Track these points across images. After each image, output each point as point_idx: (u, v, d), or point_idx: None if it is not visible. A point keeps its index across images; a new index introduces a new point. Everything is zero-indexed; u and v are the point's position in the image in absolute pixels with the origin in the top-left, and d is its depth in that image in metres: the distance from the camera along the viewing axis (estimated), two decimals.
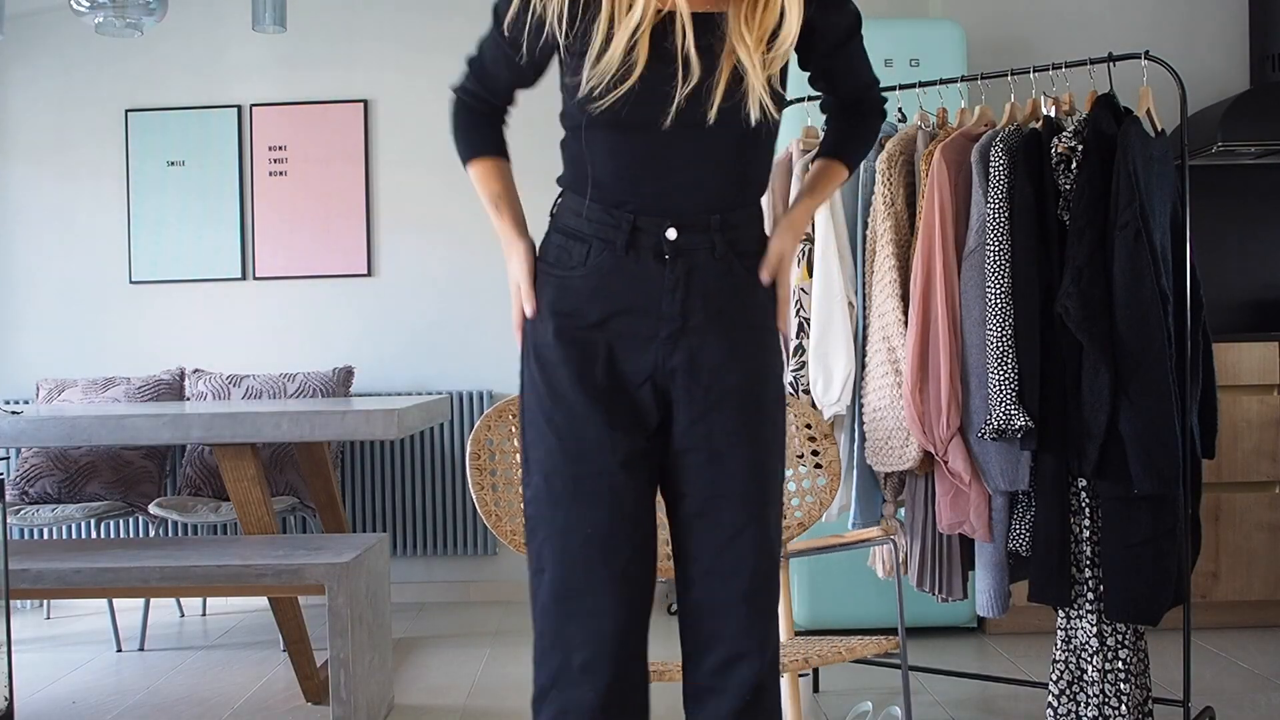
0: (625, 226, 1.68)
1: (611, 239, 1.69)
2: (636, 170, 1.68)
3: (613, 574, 1.68)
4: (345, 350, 4.87)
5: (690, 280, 1.68)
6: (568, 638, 1.69)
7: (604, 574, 1.68)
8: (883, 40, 4.02)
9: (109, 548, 3.25)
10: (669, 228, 1.67)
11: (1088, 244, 2.62)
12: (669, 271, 1.68)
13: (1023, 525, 2.79)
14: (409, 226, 4.92)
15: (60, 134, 4.97)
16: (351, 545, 3.15)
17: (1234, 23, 4.56)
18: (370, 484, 4.82)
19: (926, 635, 4.00)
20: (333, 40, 4.93)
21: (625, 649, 1.69)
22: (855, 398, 3.02)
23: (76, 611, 4.75)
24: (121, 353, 4.92)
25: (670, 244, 1.67)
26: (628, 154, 1.68)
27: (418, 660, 3.96)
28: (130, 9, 3.46)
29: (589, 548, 1.68)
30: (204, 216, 4.92)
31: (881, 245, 2.92)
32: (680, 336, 1.69)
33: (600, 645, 1.68)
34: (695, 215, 1.68)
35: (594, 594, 1.68)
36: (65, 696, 3.56)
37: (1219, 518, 3.95)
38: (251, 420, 3.29)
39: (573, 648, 1.68)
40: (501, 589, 4.87)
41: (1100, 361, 2.59)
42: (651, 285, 1.68)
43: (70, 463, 4.42)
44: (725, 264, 1.70)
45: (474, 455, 2.26)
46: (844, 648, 2.28)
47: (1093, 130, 2.67)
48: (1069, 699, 2.74)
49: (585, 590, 1.68)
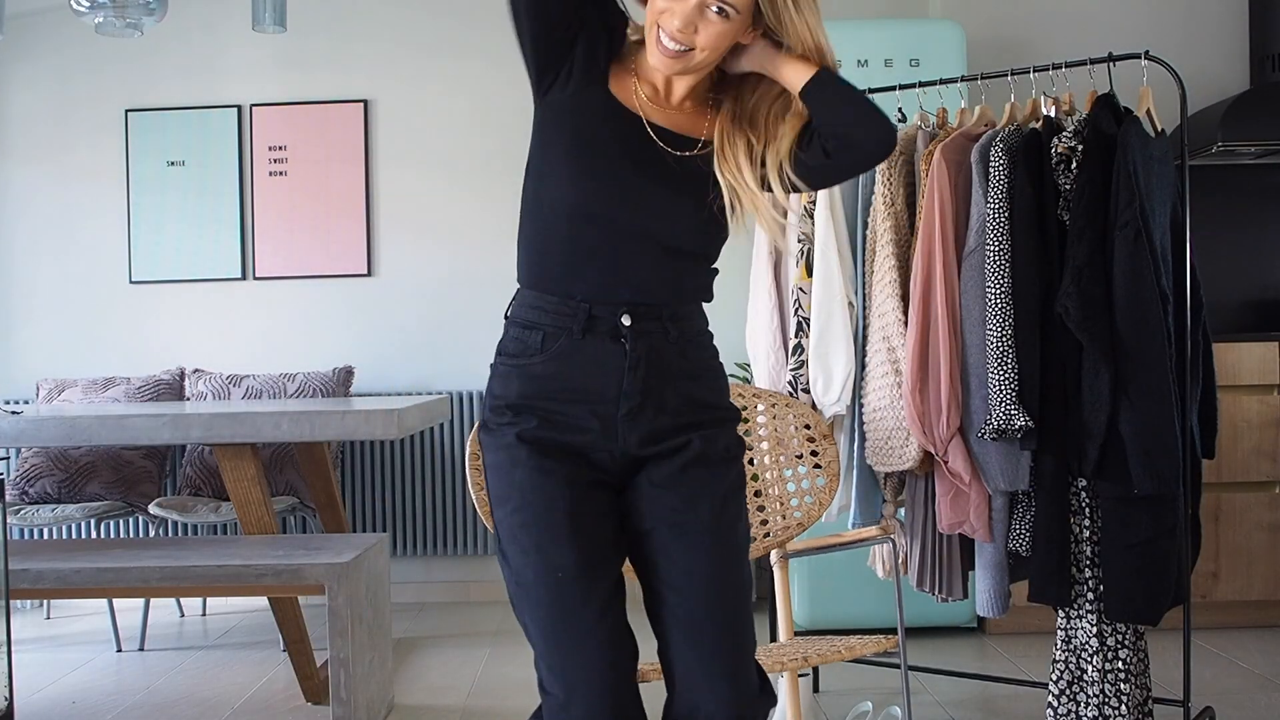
0: (581, 314, 1.73)
1: (568, 325, 1.73)
2: (593, 262, 1.74)
3: (591, 612, 1.72)
4: (345, 350, 4.87)
5: (649, 358, 1.73)
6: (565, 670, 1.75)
7: (583, 614, 1.72)
8: (883, 40, 4.03)
9: (109, 548, 3.25)
10: (624, 314, 1.72)
11: (1088, 244, 2.62)
12: (629, 351, 1.72)
13: (1023, 525, 2.79)
14: (409, 226, 4.92)
15: (60, 134, 4.97)
16: (351, 545, 3.15)
17: (1234, 23, 4.56)
18: (370, 484, 4.82)
19: (926, 635, 4.00)
20: (333, 40, 4.93)
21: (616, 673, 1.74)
22: (855, 398, 3.02)
23: (76, 611, 4.75)
24: (121, 353, 4.91)
25: (626, 328, 1.72)
26: (585, 246, 1.74)
27: (418, 660, 3.96)
28: (130, 9, 3.45)
29: (565, 588, 1.72)
30: (204, 216, 4.92)
31: (881, 245, 2.92)
32: (639, 413, 1.73)
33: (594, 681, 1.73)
34: (647, 306, 1.74)
35: (578, 635, 1.73)
36: (65, 696, 3.56)
37: (1219, 518, 3.95)
38: (251, 420, 3.29)
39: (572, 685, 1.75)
40: (501, 589, 4.81)
41: (1100, 361, 2.59)
42: (611, 364, 1.73)
43: (70, 463, 4.42)
44: (679, 346, 1.76)
45: (474, 456, 2.26)
46: (843, 647, 2.28)
47: (1093, 130, 2.67)
48: (1069, 699, 2.74)
49: (570, 632, 1.73)
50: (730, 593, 1.75)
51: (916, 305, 2.79)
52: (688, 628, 1.74)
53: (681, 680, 1.75)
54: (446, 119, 4.92)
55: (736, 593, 1.76)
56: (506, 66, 5.29)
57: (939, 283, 2.76)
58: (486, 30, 4.92)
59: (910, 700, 2.56)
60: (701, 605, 1.74)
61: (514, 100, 4.90)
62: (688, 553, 1.74)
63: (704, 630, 1.73)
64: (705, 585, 1.74)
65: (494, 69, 4.91)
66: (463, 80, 4.91)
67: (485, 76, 4.89)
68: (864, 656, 3.46)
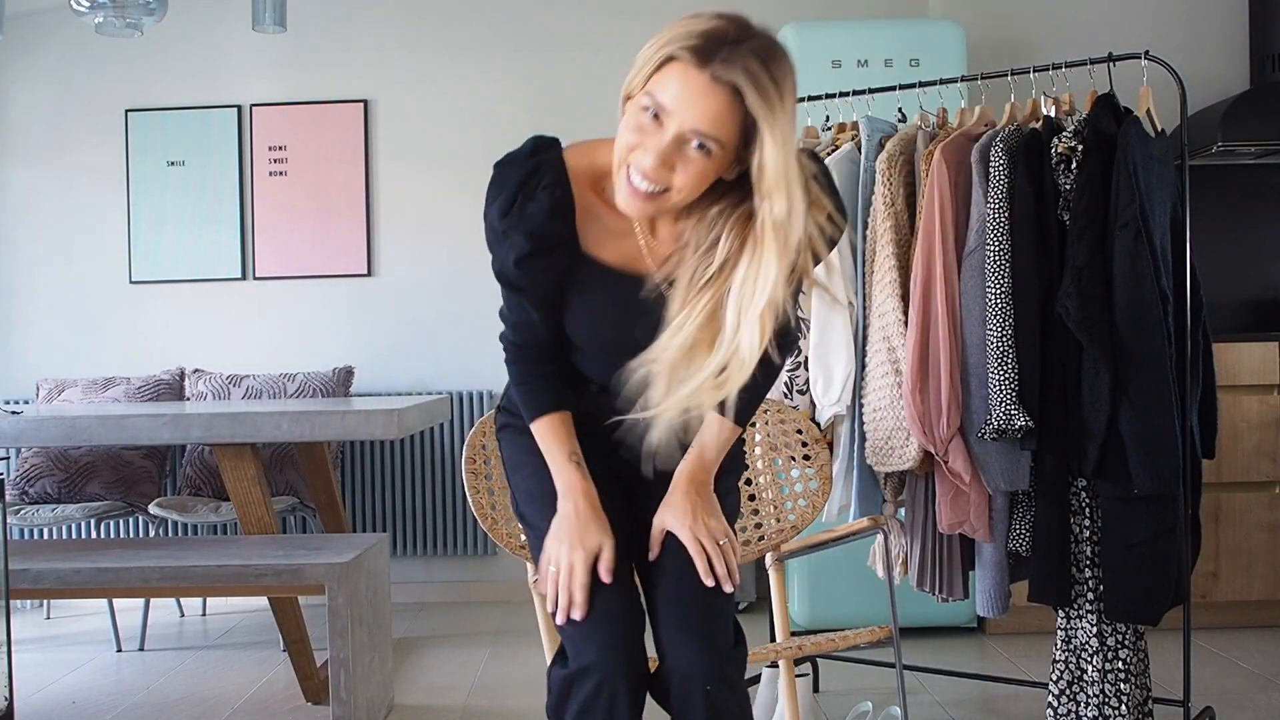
0: (593, 388, 1.80)
1: (579, 389, 1.81)
2: (600, 364, 1.78)
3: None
4: (345, 350, 4.87)
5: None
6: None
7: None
8: (883, 40, 4.03)
9: (109, 548, 3.25)
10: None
11: (1088, 244, 2.62)
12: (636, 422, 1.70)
13: (1023, 525, 2.79)
14: (409, 226, 4.92)
15: (60, 134, 4.97)
16: (351, 545, 3.14)
17: (1234, 23, 4.56)
18: (370, 484, 4.82)
19: (926, 635, 4.00)
20: (333, 40, 4.93)
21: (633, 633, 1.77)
22: (855, 398, 3.02)
23: (76, 611, 4.75)
24: (121, 353, 4.91)
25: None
26: (590, 359, 1.79)
27: (418, 660, 3.96)
28: (130, 9, 3.45)
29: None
30: (204, 216, 4.92)
31: (881, 245, 2.92)
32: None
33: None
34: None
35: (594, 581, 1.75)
36: (65, 696, 3.56)
37: (1219, 518, 3.95)
38: (251, 420, 3.29)
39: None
40: (501, 589, 4.87)
41: (1100, 361, 2.59)
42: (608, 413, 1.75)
43: (70, 463, 4.42)
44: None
45: (469, 460, 2.25)
46: (838, 637, 2.30)
47: (1093, 130, 2.67)
48: (1069, 699, 2.74)
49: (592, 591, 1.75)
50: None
51: (916, 305, 2.79)
52: (664, 594, 1.78)
53: (663, 646, 1.78)
54: (446, 119, 4.92)
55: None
56: (506, 66, 5.30)
57: (939, 283, 2.76)
58: (486, 30, 4.92)
59: (905, 697, 2.56)
60: (674, 571, 1.77)
61: (514, 100, 4.93)
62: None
63: (676, 595, 1.77)
64: (678, 551, 1.77)
65: (494, 69, 4.91)
66: (463, 80, 4.91)
67: (485, 76, 4.90)
68: (863, 656, 3.48)
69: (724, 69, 1.47)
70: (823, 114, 3.31)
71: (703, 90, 1.47)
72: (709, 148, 1.50)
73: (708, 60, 1.47)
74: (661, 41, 1.52)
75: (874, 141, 3.01)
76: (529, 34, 4.90)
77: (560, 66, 4.87)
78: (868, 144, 3.02)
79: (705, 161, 1.52)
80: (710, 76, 1.47)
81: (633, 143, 1.53)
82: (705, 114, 1.48)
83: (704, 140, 1.50)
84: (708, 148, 1.50)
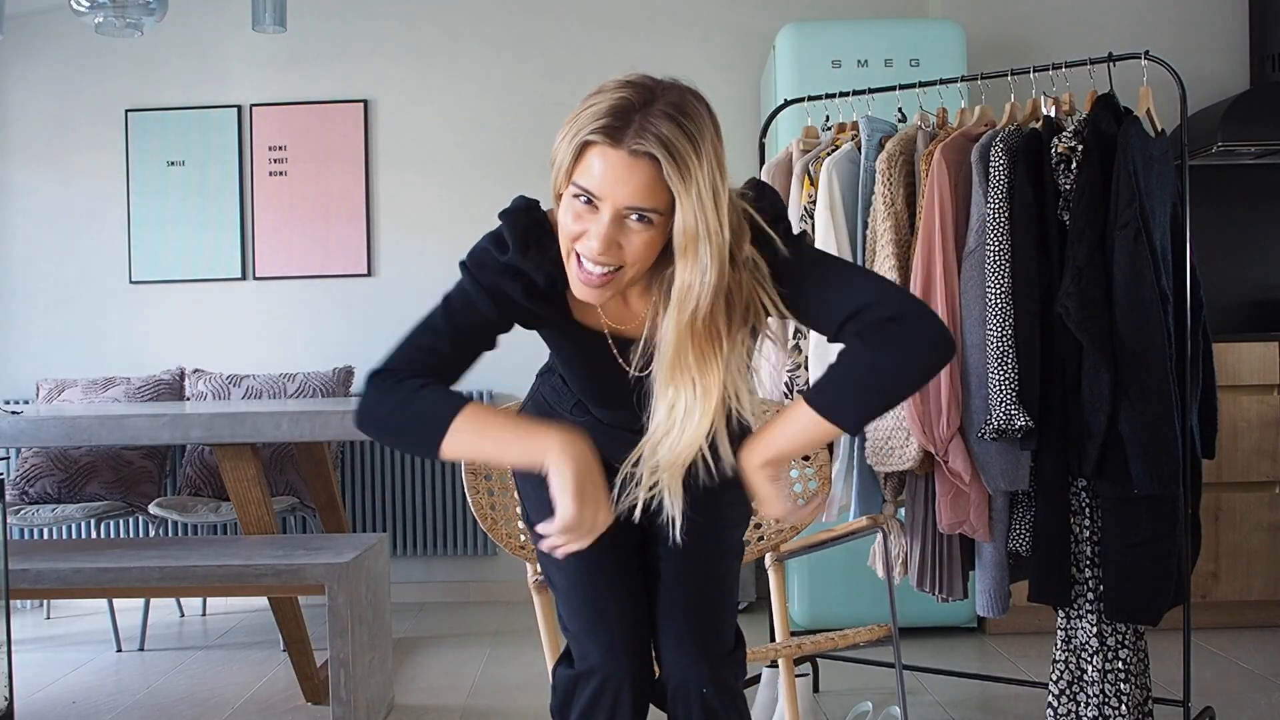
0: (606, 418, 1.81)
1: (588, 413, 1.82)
2: (602, 399, 1.80)
3: (612, 558, 1.79)
4: (345, 350, 4.87)
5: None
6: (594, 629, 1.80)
7: (605, 560, 1.78)
8: (883, 40, 4.03)
9: (109, 548, 3.25)
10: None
11: (1088, 244, 2.62)
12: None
13: (1023, 525, 2.79)
14: (409, 227, 4.92)
15: (60, 134, 4.98)
16: (351, 545, 3.14)
17: (1234, 23, 4.56)
18: (370, 484, 4.82)
19: (926, 635, 4.00)
20: (333, 40, 4.93)
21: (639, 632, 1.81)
22: None
23: (76, 611, 4.75)
24: (121, 353, 4.92)
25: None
26: (596, 386, 1.79)
27: (418, 660, 3.96)
28: (130, 9, 3.45)
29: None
30: (204, 216, 4.92)
31: (881, 245, 2.92)
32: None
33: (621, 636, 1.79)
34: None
35: (602, 576, 1.79)
36: (65, 696, 3.56)
37: (1219, 518, 3.95)
38: (251, 420, 3.29)
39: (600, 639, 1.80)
40: (501, 589, 4.87)
41: (1100, 361, 2.59)
42: (627, 449, 1.69)
43: (70, 463, 4.42)
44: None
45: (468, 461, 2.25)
46: (838, 636, 2.30)
47: (1093, 130, 2.67)
48: (1069, 699, 2.74)
49: (593, 572, 1.79)
50: (704, 565, 1.83)
51: None
52: (663, 598, 1.81)
53: (660, 651, 1.82)
54: (446, 119, 4.92)
55: (708, 564, 1.83)
56: (506, 67, 5.28)
57: (939, 283, 2.76)
58: (486, 31, 4.92)
59: (905, 697, 2.56)
60: (674, 579, 1.81)
61: (514, 100, 4.93)
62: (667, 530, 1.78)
63: (673, 600, 1.81)
64: (679, 561, 1.80)
65: (494, 70, 4.91)
66: (463, 80, 4.91)
67: (485, 77, 4.90)
68: (863, 656, 3.47)
69: (639, 141, 1.46)
70: (823, 114, 3.31)
71: (625, 167, 1.47)
72: (648, 218, 1.50)
73: (621, 137, 1.47)
74: (573, 131, 1.51)
75: (874, 141, 3.01)
76: (529, 35, 4.90)
77: (559, 68, 4.87)
78: (867, 144, 3.02)
79: (649, 231, 1.51)
80: (628, 152, 1.46)
81: (575, 231, 1.53)
82: (635, 189, 1.48)
83: (641, 213, 1.49)
84: (647, 218, 1.50)
